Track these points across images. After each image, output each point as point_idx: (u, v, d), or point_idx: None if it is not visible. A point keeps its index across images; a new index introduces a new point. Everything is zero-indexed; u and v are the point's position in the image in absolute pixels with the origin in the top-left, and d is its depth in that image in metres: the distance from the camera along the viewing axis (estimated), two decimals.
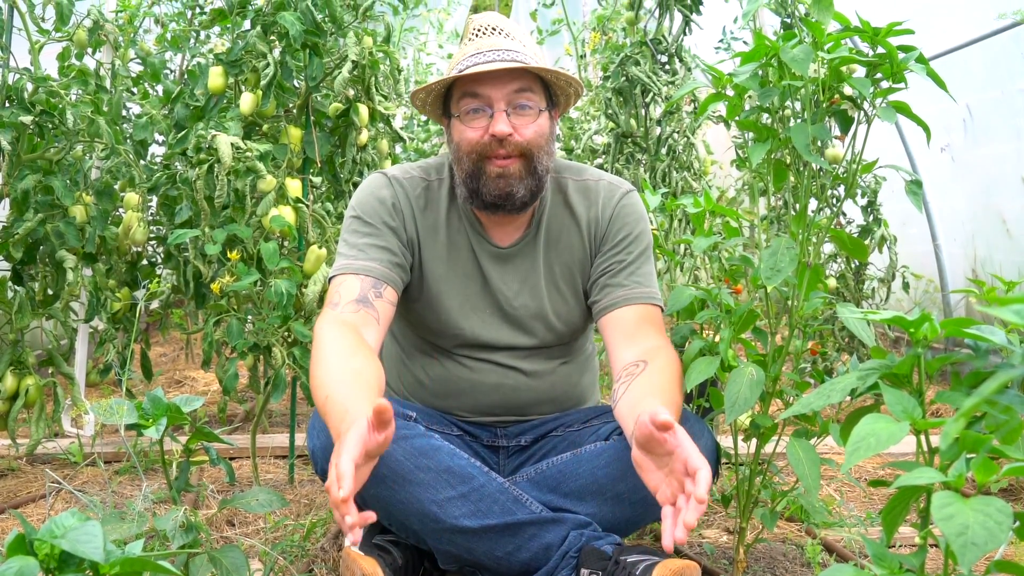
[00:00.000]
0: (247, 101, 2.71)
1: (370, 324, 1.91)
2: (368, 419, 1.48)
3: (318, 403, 1.71)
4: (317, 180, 2.94)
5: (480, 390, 2.11)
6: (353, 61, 2.80)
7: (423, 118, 6.37)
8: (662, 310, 2.08)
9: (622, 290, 2.05)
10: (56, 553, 0.96)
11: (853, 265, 4.17)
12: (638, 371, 1.88)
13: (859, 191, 4.08)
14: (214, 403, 3.91)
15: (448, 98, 2.06)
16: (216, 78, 2.76)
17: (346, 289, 1.94)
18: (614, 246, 2.09)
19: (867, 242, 4.07)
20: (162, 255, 3.33)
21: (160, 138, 3.41)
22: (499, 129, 1.93)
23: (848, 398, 1.38)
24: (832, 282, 4.07)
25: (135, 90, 3.58)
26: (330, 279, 2.01)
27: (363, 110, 2.95)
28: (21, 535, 0.96)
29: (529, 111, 1.97)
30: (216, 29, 3.66)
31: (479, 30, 2.04)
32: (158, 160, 3.47)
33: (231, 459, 3.05)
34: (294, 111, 2.86)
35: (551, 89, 2.06)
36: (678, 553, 2.17)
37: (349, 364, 1.76)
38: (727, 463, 2.15)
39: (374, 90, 2.99)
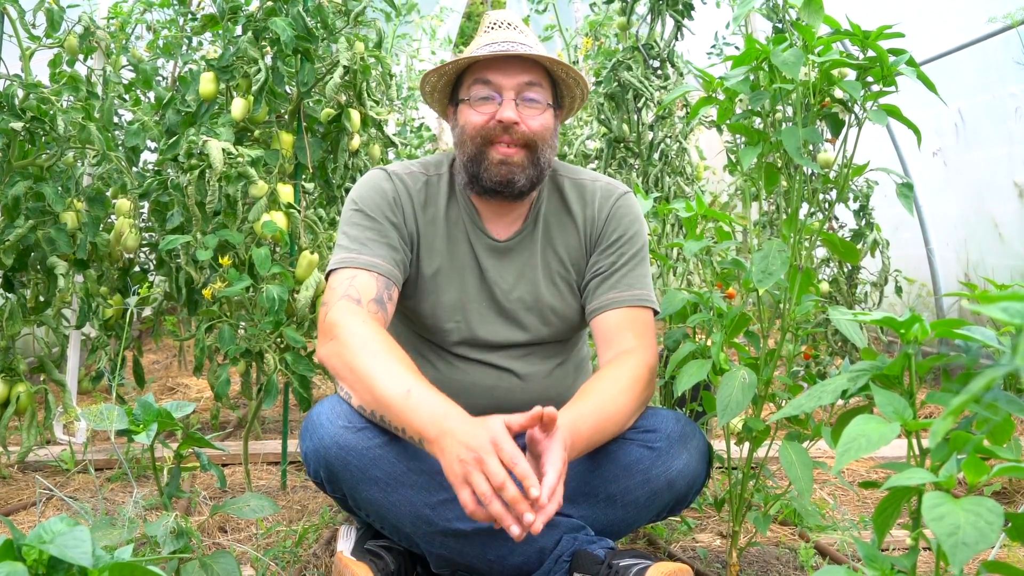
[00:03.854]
0: (238, 107, 2.70)
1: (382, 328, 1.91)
2: (532, 424, 1.61)
3: (393, 394, 1.69)
4: (309, 186, 2.93)
5: (474, 393, 2.10)
6: (345, 66, 2.80)
7: (416, 123, 6.37)
8: (656, 312, 2.07)
9: (611, 293, 2.05)
10: (44, 558, 0.95)
11: (846, 269, 4.18)
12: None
13: (851, 195, 4.09)
14: (207, 409, 3.90)
15: (458, 86, 2.08)
16: (207, 84, 2.76)
17: (362, 285, 1.92)
18: (608, 247, 2.10)
19: (859, 246, 4.08)
20: (154, 261, 3.33)
21: (152, 144, 3.41)
22: (506, 115, 1.96)
23: (842, 402, 1.38)
24: (825, 286, 4.07)
25: (127, 96, 3.58)
26: (332, 270, 1.98)
27: (355, 115, 2.95)
28: (9, 540, 0.96)
29: (537, 104, 2.00)
30: (208, 35, 3.66)
31: (494, 24, 2.08)
32: (150, 166, 3.46)
33: (224, 465, 3.04)
34: (286, 116, 2.86)
35: (558, 89, 2.09)
36: (671, 557, 2.17)
37: (410, 361, 1.78)
38: (720, 467, 2.15)
39: (366, 95, 2.99)
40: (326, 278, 2.03)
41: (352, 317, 1.85)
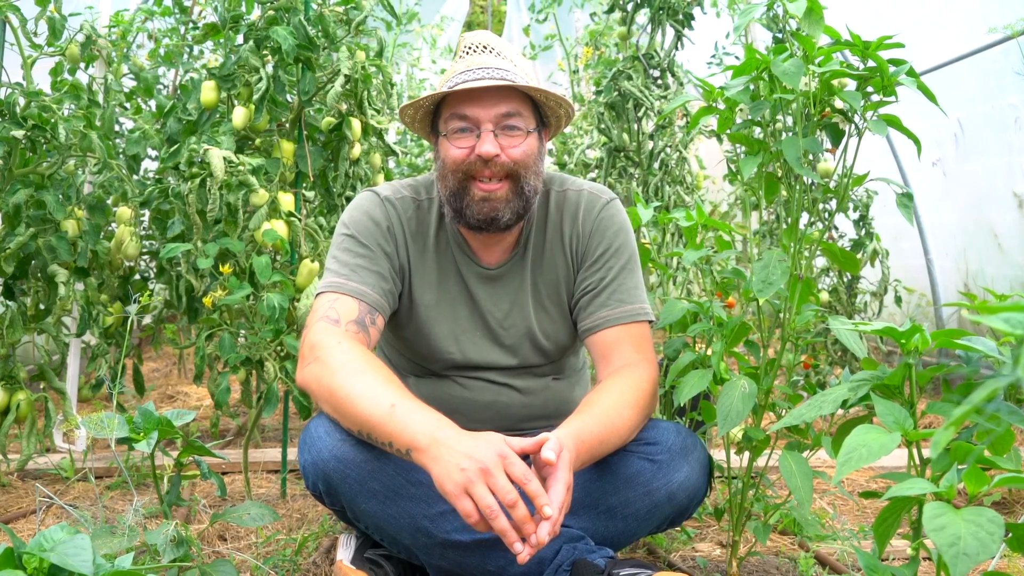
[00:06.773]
0: (240, 115, 2.71)
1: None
2: (534, 451, 1.61)
3: (377, 411, 1.67)
4: (310, 194, 2.94)
5: (473, 408, 2.09)
6: (346, 75, 2.80)
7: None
8: (651, 322, 2.06)
9: (603, 311, 2.02)
10: (45, 567, 0.96)
11: (845, 279, 4.18)
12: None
13: (851, 205, 4.10)
14: (206, 418, 3.90)
15: (437, 116, 2.03)
16: (209, 92, 2.76)
17: (343, 308, 1.90)
18: (594, 262, 2.07)
19: (859, 256, 4.08)
20: (154, 269, 3.33)
21: (153, 152, 3.41)
22: (485, 150, 1.90)
23: (842, 412, 1.38)
24: (824, 296, 4.07)
25: (128, 105, 3.58)
26: (319, 293, 1.97)
27: (356, 124, 2.95)
28: (10, 549, 0.96)
29: (517, 132, 1.94)
30: (209, 44, 3.67)
31: (470, 48, 2.02)
32: (151, 174, 3.47)
33: (223, 474, 3.04)
34: (287, 125, 2.86)
35: (541, 110, 2.03)
36: (671, 566, 2.17)
37: (394, 377, 1.77)
38: (720, 476, 2.15)
39: (367, 104, 2.99)
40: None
41: (330, 337, 1.83)
